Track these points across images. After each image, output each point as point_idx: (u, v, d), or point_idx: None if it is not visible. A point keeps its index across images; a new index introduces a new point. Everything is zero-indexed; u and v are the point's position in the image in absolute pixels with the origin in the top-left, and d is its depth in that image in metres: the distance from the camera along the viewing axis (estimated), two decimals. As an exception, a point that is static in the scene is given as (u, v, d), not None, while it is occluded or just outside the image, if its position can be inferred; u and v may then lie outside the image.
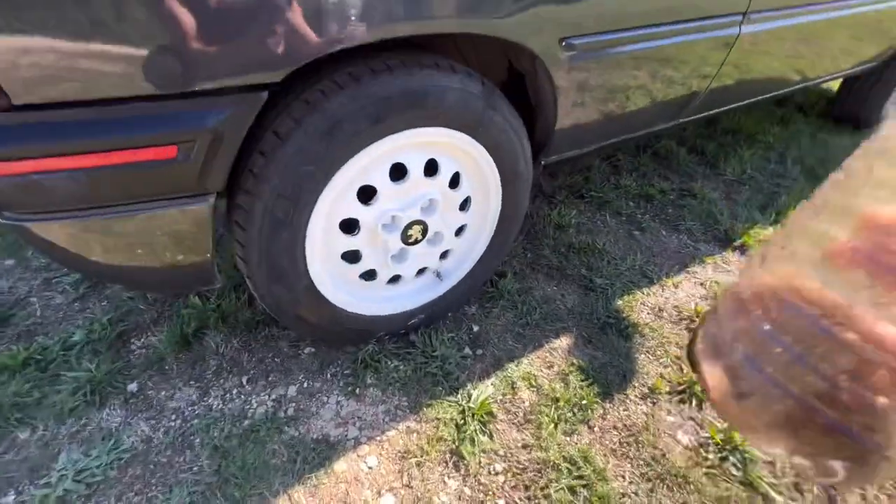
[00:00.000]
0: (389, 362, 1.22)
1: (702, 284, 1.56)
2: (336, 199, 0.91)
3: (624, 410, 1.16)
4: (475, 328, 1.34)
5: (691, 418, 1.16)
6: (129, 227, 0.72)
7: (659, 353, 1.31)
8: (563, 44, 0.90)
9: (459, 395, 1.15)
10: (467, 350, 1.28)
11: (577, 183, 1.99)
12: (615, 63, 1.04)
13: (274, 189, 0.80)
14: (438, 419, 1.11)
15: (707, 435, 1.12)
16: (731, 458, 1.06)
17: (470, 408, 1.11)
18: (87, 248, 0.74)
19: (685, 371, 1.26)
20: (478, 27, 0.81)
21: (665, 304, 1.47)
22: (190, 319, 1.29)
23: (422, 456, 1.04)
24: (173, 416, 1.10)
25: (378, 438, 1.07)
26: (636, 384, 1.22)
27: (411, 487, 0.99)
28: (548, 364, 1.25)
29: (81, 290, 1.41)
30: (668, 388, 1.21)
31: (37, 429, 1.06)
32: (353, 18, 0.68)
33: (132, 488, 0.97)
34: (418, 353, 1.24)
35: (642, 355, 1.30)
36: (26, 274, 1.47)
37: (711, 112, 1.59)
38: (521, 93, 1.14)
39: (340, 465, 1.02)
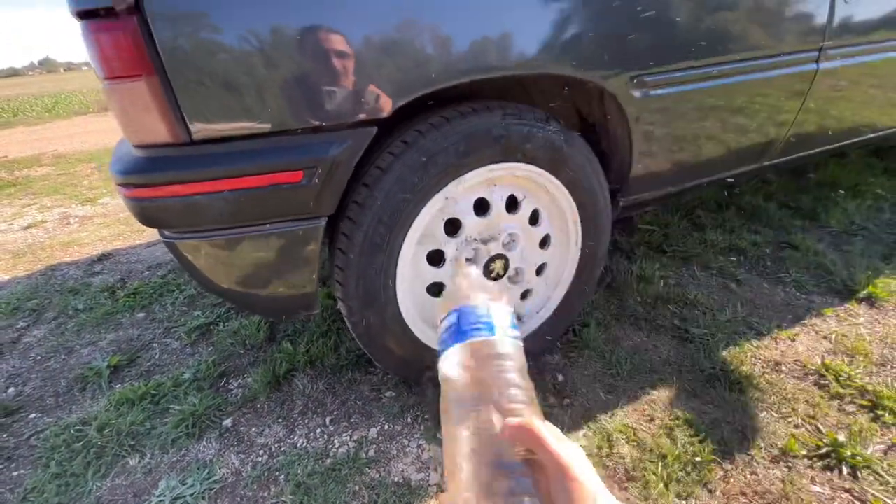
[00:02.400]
0: (471, 408, 1.16)
1: (825, 337, 1.36)
2: (426, 229, 0.98)
3: (751, 474, 0.97)
4: (560, 377, 1.26)
5: (846, 490, 0.93)
6: (253, 245, 0.84)
7: (784, 410, 1.12)
8: (635, 80, 0.97)
9: (548, 446, 1.05)
10: (553, 399, 1.19)
11: (655, 240, 1.93)
12: (687, 100, 1.08)
13: (374, 215, 0.89)
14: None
15: (873, 512, 0.88)
16: (915, 545, 0.82)
17: (562, 459, 1.00)
18: (215, 266, 0.86)
19: (824, 432, 1.05)
20: (552, 68, 0.91)
21: (782, 357, 1.29)
22: (282, 362, 1.37)
23: (511, 509, 0.93)
24: (261, 452, 1.12)
25: (462, 486, 0.99)
26: (762, 444, 1.03)
27: (500, 545, 0.87)
28: (647, 417, 1.12)
29: (194, 337, 1.57)
30: (805, 452, 1.01)
31: (144, 456, 1.13)
32: (445, 65, 0.81)
33: (219, 519, 0.97)
34: (501, 400, 1.18)
35: (763, 412, 1.11)
36: (153, 324, 1.69)
37: (799, 155, 1.53)
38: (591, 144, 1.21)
39: (422, 513, 0.94)
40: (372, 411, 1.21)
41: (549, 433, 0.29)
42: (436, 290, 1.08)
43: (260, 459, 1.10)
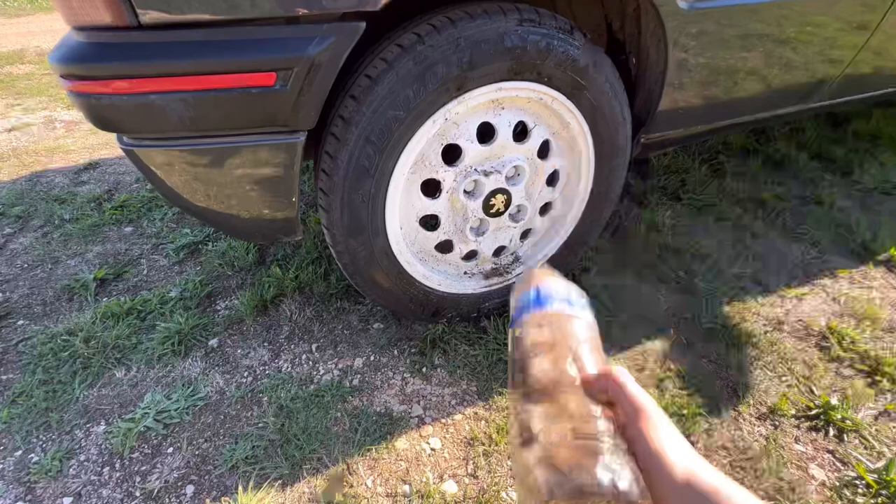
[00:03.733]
0: (459, 345, 1.14)
1: (834, 299, 1.30)
2: (421, 154, 0.87)
3: (735, 429, 0.96)
4: (553, 321, 1.22)
5: (829, 451, 0.92)
6: (222, 159, 0.74)
7: (780, 369, 1.09)
8: (682, -13, 0.81)
9: (534, 388, 1.03)
10: (544, 343, 1.16)
11: (671, 185, 1.81)
12: (739, 15, 0.91)
13: (362, 134, 0.78)
14: (510, 409, 1.00)
15: (853, 474, 0.88)
16: (889, 507, 0.82)
17: (546, 401, 0.99)
18: (181, 180, 0.77)
19: (817, 394, 1.02)
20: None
21: (786, 316, 1.24)
22: (270, 286, 1.33)
23: (490, 445, 0.94)
24: (246, 373, 1.11)
25: (443, 421, 0.99)
26: (751, 401, 1.01)
27: (476, 478, 0.89)
28: (639, 366, 1.09)
29: (182, 255, 1.53)
30: (794, 411, 0.99)
31: (130, 369, 1.13)
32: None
33: (202, 434, 0.98)
34: (490, 340, 1.15)
35: (758, 370, 1.09)
36: (140, 239, 1.64)
37: (853, 97, 1.35)
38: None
39: (402, 443, 0.95)
40: (359, 341, 1.19)
41: (628, 379, 0.33)
42: (430, 223, 1.00)
43: (244, 381, 1.10)
